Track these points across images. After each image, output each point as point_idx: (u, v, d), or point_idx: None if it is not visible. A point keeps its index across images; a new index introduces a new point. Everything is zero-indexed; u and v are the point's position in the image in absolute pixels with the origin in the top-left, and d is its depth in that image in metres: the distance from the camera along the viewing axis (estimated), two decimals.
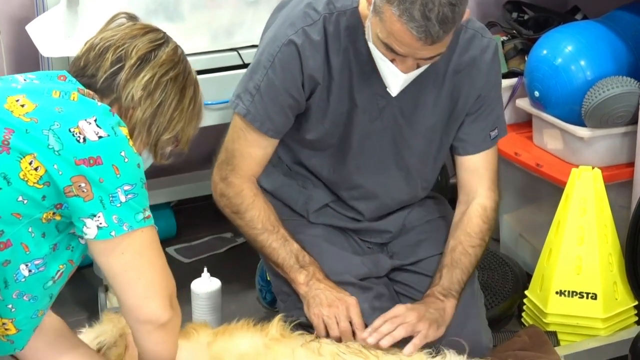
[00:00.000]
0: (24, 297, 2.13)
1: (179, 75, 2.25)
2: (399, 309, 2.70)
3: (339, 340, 2.69)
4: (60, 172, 2.02)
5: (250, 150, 2.84)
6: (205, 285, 3.34)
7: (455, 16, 2.48)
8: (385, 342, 2.56)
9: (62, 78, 2.19)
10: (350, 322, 2.75)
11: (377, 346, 2.62)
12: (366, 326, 2.74)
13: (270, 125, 2.81)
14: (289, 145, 2.98)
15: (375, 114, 2.85)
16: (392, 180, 2.99)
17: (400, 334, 2.60)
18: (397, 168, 2.97)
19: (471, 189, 2.97)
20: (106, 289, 3.59)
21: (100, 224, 2.07)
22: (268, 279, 3.35)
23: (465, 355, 2.57)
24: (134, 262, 2.13)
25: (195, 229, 4.22)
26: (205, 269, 3.37)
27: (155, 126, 2.22)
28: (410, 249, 3.06)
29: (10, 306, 2.12)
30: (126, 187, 2.08)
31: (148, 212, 2.14)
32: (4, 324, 2.15)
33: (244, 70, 2.89)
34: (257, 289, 3.77)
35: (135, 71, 2.20)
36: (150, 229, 2.15)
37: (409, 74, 2.64)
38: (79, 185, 2.03)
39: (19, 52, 3.92)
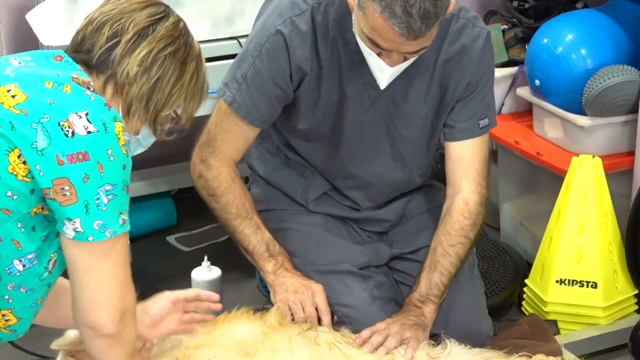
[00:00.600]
0: (21, 289, 2.11)
1: (178, 50, 2.18)
2: (381, 324, 2.70)
3: None
4: (41, 173, 1.97)
5: (232, 136, 2.84)
6: (206, 273, 3.35)
7: (438, 10, 2.47)
8: (381, 354, 2.57)
9: (58, 58, 2.14)
10: (317, 309, 2.77)
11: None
12: (365, 320, 2.75)
13: (256, 114, 2.81)
14: (284, 135, 2.98)
15: (367, 104, 2.85)
16: (387, 169, 2.99)
17: (392, 344, 2.60)
18: (392, 157, 2.97)
19: (456, 181, 2.93)
20: None
21: (76, 228, 2.01)
22: None
23: (469, 346, 2.58)
24: (98, 266, 2.05)
25: (195, 218, 4.22)
26: (205, 258, 3.37)
27: (153, 102, 2.17)
28: (410, 237, 3.06)
29: (7, 297, 2.11)
30: (107, 187, 2.01)
31: (125, 216, 2.07)
32: (4, 315, 2.13)
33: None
34: (257, 277, 3.77)
35: (132, 46, 2.14)
36: (123, 236, 2.08)
37: (395, 67, 2.63)
38: (62, 188, 1.98)
39: (19, 40, 3.92)
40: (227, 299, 3.44)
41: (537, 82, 3.78)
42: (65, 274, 2.16)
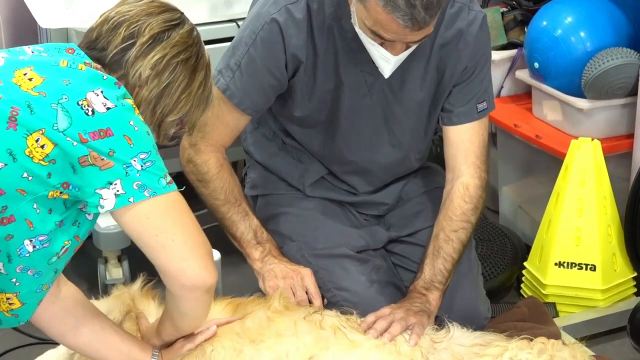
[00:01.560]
0: (28, 272, 2.12)
1: (190, 58, 2.22)
2: (386, 309, 2.67)
3: None
4: (74, 143, 2.00)
5: (224, 122, 2.83)
6: None
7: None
8: (386, 339, 2.55)
9: (70, 51, 2.17)
10: (307, 292, 2.77)
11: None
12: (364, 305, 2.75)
13: (248, 103, 2.80)
14: (280, 121, 2.98)
15: (364, 91, 2.85)
16: (384, 154, 2.98)
17: (397, 329, 2.57)
18: (389, 143, 2.96)
19: (455, 165, 2.92)
20: (106, 260, 3.60)
21: (118, 191, 2.04)
22: None
23: (471, 329, 2.58)
24: (163, 225, 2.09)
25: (195, 200, 4.18)
26: None
27: (161, 107, 2.20)
28: (407, 220, 3.06)
29: (14, 280, 2.12)
30: (142, 156, 2.06)
31: (169, 178, 2.11)
32: (8, 298, 2.14)
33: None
34: None
35: (146, 50, 2.17)
36: (175, 194, 2.12)
37: (399, 56, 2.63)
38: (95, 156, 2.02)
39: (17, 23, 3.92)
40: (226, 282, 3.44)
41: (536, 64, 3.78)
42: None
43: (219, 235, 3.95)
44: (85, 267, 3.69)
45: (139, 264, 2.18)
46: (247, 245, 2.88)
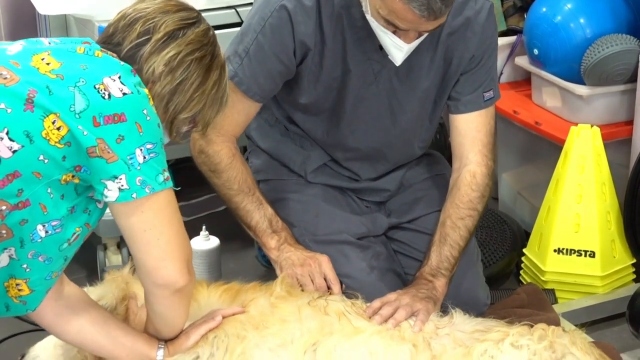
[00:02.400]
0: (39, 258, 2.14)
1: (205, 56, 2.24)
2: (392, 295, 2.67)
3: None
4: (85, 132, 2.03)
5: (234, 111, 2.82)
6: (204, 243, 3.35)
7: None
8: (390, 325, 2.55)
9: (86, 43, 2.19)
10: (325, 279, 2.76)
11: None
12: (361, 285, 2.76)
13: (256, 89, 2.80)
14: (284, 107, 2.98)
15: (371, 79, 2.85)
16: (388, 142, 2.98)
17: (402, 315, 2.57)
18: (393, 131, 2.96)
19: (462, 154, 2.93)
20: (105, 247, 3.60)
21: (122, 186, 2.08)
22: None
23: (472, 315, 2.59)
24: (153, 222, 2.13)
25: (194, 188, 4.20)
26: (204, 227, 3.38)
27: (173, 104, 2.22)
28: (408, 206, 3.06)
29: (25, 266, 2.13)
30: (148, 146, 2.09)
31: (167, 174, 2.15)
32: (17, 284, 2.16)
33: (238, 29, 2.88)
34: (256, 247, 3.77)
35: (161, 46, 2.19)
36: (169, 191, 2.16)
37: (411, 44, 2.63)
38: (103, 148, 2.05)
39: (16, 10, 3.91)
40: (225, 269, 3.45)
41: (535, 51, 3.78)
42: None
43: (219, 221, 3.97)
44: (84, 254, 3.68)
45: None
46: (263, 235, 2.87)
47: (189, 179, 4.29)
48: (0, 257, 2.09)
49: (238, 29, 2.89)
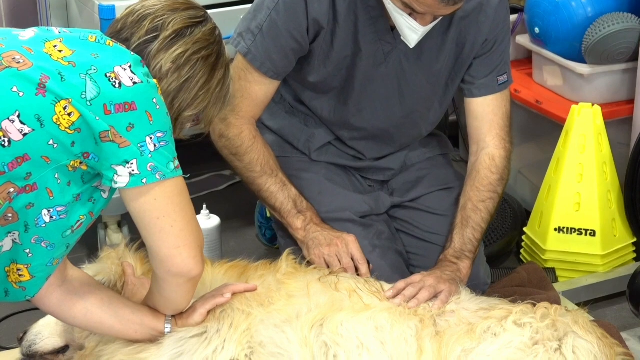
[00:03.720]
0: (42, 244, 2.15)
1: (211, 55, 2.26)
2: (416, 276, 2.66)
3: None
4: (97, 118, 2.05)
5: (251, 91, 2.83)
6: (205, 222, 3.35)
7: None
8: (412, 305, 2.55)
9: (92, 38, 2.20)
10: (352, 259, 2.76)
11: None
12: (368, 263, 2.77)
13: (270, 66, 2.79)
14: (291, 85, 2.97)
15: (380, 59, 2.84)
16: (395, 123, 2.98)
17: (424, 296, 2.56)
18: (401, 112, 2.96)
19: (480, 137, 2.95)
20: (105, 226, 3.60)
21: (133, 171, 2.09)
22: (268, 216, 3.37)
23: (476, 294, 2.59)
24: (167, 209, 2.14)
25: (194, 167, 4.21)
26: (204, 206, 3.38)
27: (179, 101, 2.24)
28: (410, 185, 3.06)
29: (27, 251, 2.14)
30: (159, 135, 2.11)
31: (177, 162, 2.16)
32: (19, 269, 2.17)
33: (248, 6, 2.87)
34: (257, 226, 3.78)
35: (169, 43, 2.21)
36: (180, 179, 2.17)
37: (426, 27, 2.63)
38: (115, 133, 2.06)
39: None
40: (226, 248, 3.45)
41: (536, 29, 3.77)
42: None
43: (219, 200, 3.97)
44: (85, 233, 3.68)
45: (131, 228, 2.20)
46: (288, 215, 2.86)
47: (189, 158, 4.30)
48: (3, 241, 2.10)
49: (245, 6, 2.88)
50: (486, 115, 2.94)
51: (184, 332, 2.36)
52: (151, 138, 2.09)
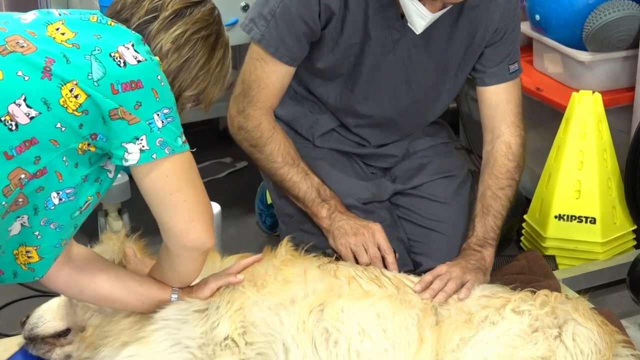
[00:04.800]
0: (51, 225, 2.16)
1: (210, 35, 2.27)
2: (442, 267, 2.65)
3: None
4: (105, 97, 2.06)
5: (267, 81, 2.82)
6: None
7: None
8: (441, 298, 2.54)
9: (93, 18, 2.21)
10: (379, 248, 2.74)
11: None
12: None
13: (285, 51, 2.79)
14: (297, 71, 2.97)
15: (389, 47, 2.84)
16: (401, 111, 2.99)
17: (451, 288, 2.55)
18: (407, 100, 2.96)
19: (494, 125, 2.96)
20: (106, 213, 3.60)
21: (143, 147, 2.10)
22: (268, 203, 3.36)
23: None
24: (179, 184, 2.16)
25: (194, 154, 4.21)
26: None
27: (179, 81, 2.25)
28: (412, 172, 3.07)
29: (37, 233, 2.16)
30: (165, 111, 2.12)
31: (184, 137, 2.17)
32: (28, 251, 2.19)
33: None
34: (257, 213, 3.79)
35: (168, 24, 2.22)
36: (189, 154, 2.19)
37: (435, 14, 2.63)
38: (124, 111, 2.07)
39: None
40: (226, 235, 3.46)
41: (537, 17, 3.76)
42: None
43: (220, 188, 3.97)
44: (85, 220, 3.69)
45: (138, 217, 2.20)
46: (312, 204, 2.85)
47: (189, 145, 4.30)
48: (12, 225, 2.12)
49: None
50: (500, 103, 2.95)
51: (189, 304, 2.38)
52: (158, 115, 2.11)
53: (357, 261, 2.72)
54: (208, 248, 2.25)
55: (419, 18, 2.64)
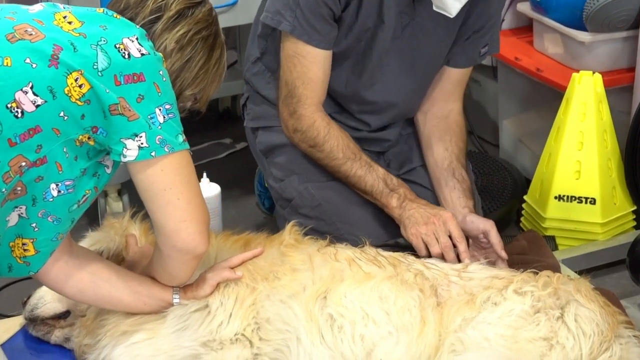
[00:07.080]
0: (49, 218, 2.16)
1: (210, 35, 2.29)
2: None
3: (440, 256, 2.67)
4: (107, 90, 2.06)
5: (310, 74, 2.81)
6: (205, 190, 3.32)
7: None
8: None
9: (99, 10, 2.22)
10: (450, 236, 2.71)
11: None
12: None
13: (317, 36, 2.77)
14: None
15: (398, 32, 2.84)
16: (405, 97, 2.99)
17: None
18: (411, 85, 2.97)
19: (450, 98, 3.00)
20: (105, 194, 3.60)
21: (142, 144, 2.10)
22: (266, 185, 3.36)
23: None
24: (174, 181, 2.15)
25: (194, 135, 4.19)
26: (204, 175, 3.37)
27: (180, 80, 2.26)
28: (405, 156, 3.08)
29: (34, 225, 2.16)
30: (167, 106, 2.13)
31: (184, 136, 2.17)
32: (24, 244, 2.18)
33: None
34: (256, 194, 3.78)
35: (172, 24, 2.24)
36: (187, 152, 2.18)
37: None
38: (124, 106, 2.08)
39: None
40: (226, 216, 3.45)
41: None
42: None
43: (219, 169, 3.97)
44: None
45: (139, 197, 2.20)
46: (381, 196, 2.83)
47: (189, 127, 4.29)
48: (10, 215, 2.12)
49: None
50: (462, 82, 3.02)
51: (186, 307, 2.37)
52: (160, 110, 2.11)
53: (428, 251, 2.70)
54: (200, 252, 2.23)
55: (455, 0, 2.64)
